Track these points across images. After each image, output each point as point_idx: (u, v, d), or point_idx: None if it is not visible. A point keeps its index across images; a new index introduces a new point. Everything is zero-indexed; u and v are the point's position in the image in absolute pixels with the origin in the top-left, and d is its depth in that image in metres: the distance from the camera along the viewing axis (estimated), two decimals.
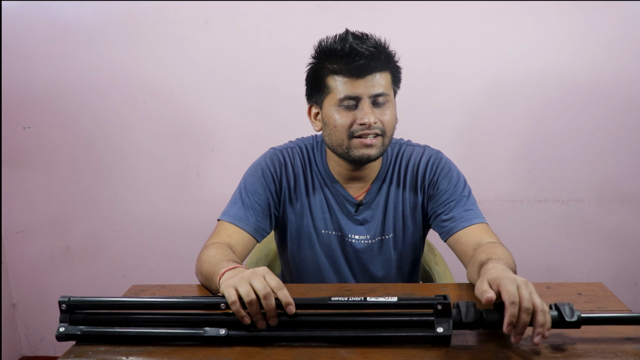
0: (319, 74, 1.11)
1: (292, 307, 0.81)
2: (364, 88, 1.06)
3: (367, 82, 1.06)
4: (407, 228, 1.23)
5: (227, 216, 1.17)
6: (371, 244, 1.23)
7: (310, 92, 1.16)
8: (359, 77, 1.06)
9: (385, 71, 1.09)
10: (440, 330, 0.79)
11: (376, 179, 1.21)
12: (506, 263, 0.94)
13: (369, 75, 1.06)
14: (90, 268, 2.11)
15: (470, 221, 1.13)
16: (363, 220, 1.22)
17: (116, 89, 1.92)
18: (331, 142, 1.13)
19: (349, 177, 1.20)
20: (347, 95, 1.07)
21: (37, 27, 1.88)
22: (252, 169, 1.23)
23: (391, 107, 1.11)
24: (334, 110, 1.09)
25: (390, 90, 1.11)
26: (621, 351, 0.78)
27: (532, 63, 1.78)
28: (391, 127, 1.11)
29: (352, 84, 1.06)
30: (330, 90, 1.09)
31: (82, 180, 2.02)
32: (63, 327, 0.84)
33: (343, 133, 1.09)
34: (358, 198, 1.21)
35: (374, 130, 1.08)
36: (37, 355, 2.24)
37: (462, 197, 1.17)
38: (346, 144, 1.10)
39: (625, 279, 1.95)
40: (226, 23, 1.83)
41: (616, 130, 1.81)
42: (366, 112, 1.06)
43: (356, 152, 1.10)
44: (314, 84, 1.13)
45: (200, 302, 0.85)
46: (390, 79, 1.11)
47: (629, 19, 1.72)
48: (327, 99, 1.11)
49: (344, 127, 1.09)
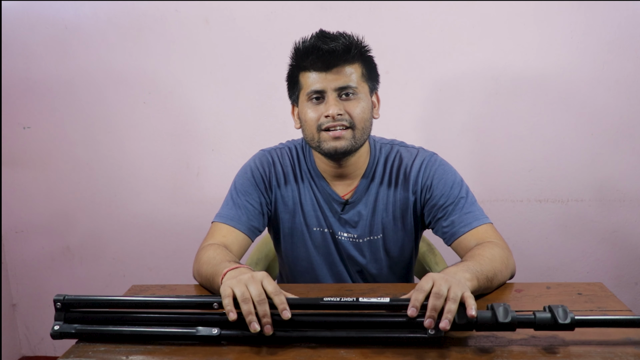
0: (294, 73, 1.16)
1: (288, 313, 0.81)
2: (329, 81, 1.10)
3: (333, 76, 1.09)
4: (398, 230, 1.23)
5: (220, 217, 1.19)
6: (360, 243, 1.23)
7: (290, 92, 1.20)
8: (326, 71, 1.09)
9: (354, 64, 1.11)
10: (432, 331, 0.79)
11: (363, 177, 1.21)
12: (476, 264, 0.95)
13: (335, 68, 1.09)
14: (90, 268, 2.11)
15: (470, 225, 1.13)
16: (350, 219, 1.22)
17: (116, 89, 1.92)
18: (305, 137, 1.16)
19: (333, 174, 1.21)
20: (313, 89, 1.11)
21: (37, 27, 1.88)
22: (242, 171, 1.25)
23: (362, 101, 1.12)
24: (305, 105, 1.13)
25: (362, 84, 1.13)
26: (622, 352, 0.78)
27: (532, 63, 1.78)
28: (362, 119, 1.12)
29: (319, 78, 1.10)
30: (301, 86, 1.14)
31: (82, 180, 2.02)
32: (58, 326, 0.86)
33: (313, 127, 1.12)
34: (345, 197, 1.21)
35: (341, 122, 1.10)
36: (37, 355, 2.24)
37: (459, 199, 1.16)
38: (316, 137, 1.12)
39: (625, 279, 1.95)
40: (226, 23, 1.83)
41: (616, 130, 1.81)
42: (330, 104, 1.09)
43: (326, 145, 1.12)
44: (291, 83, 1.18)
45: (193, 302, 0.85)
46: (361, 73, 1.13)
47: (629, 19, 1.72)
48: (300, 96, 1.15)
49: (313, 120, 1.12)
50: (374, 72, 1.17)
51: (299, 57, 1.13)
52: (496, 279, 0.99)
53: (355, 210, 1.21)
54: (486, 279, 0.95)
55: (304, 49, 1.11)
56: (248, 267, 0.95)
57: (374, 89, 1.19)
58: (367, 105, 1.13)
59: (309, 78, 1.11)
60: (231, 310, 0.81)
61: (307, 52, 1.10)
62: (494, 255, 1.01)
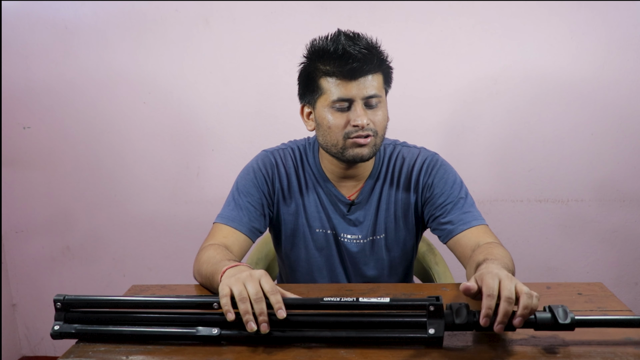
0: (311, 75, 1.11)
1: (283, 312, 0.81)
2: (356, 90, 1.06)
3: (359, 84, 1.06)
4: (400, 229, 1.23)
5: (222, 218, 1.19)
6: (363, 243, 1.23)
7: (303, 92, 1.16)
8: (352, 79, 1.06)
9: (377, 72, 1.09)
10: (432, 331, 0.79)
11: (369, 178, 1.22)
12: (502, 263, 0.94)
13: (361, 77, 1.06)
14: (90, 268, 2.11)
15: (469, 224, 1.14)
16: (355, 219, 1.22)
17: (116, 89, 1.92)
18: (325, 142, 1.13)
19: (341, 175, 1.20)
20: (340, 97, 1.07)
21: (37, 27, 1.88)
22: (244, 172, 1.24)
23: (383, 108, 1.12)
24: (327, 111, 1.10)
25: (382, 91, 1.12)
26: (622, 352, 0.78)
27: (532, 63, 1.78)
28: (383, 127, 1.12)
29: (345, 85, 1.06)
30: (323, 91, 1.09)
31: (82, 180, 2.02)
32: (58, 326, 0.86)
33: (338, 134, 1.10)
34: (351, 198, 1.21)
35: (367, 131, 1.08)
36: (37, 355, 2.24)
37: (459, 199, 1.17)
38: (341, 144, 1.10)
39: (625, 279, 1.95)
40: (226, 23, 1.83)
41: (616, 130, 1.81)
42: (359, 114, 1.07)
43: (350, 152, 1.11)
44: (307, 84, 1.13)
45: (193, 302, 0.85)
46: (382, 80, 1.11)
47: (629, 19, 1.72)
48: (320, 100, 1.11)
49: (338, 128, 1.09)
50: (390, 79, 1.15)
51: (321, 60, 1.08)
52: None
53: (361, 211, 1.22)
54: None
55: (327, 53, 1.06)
56: (247, 266, 0.94)
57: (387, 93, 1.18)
58: (386, 113, 1.13)
59: (333, 84, 1.07)
60: (229, 311, 0.81)
61: (331, 56, 1.06)
62: (504, 255, 1.02)
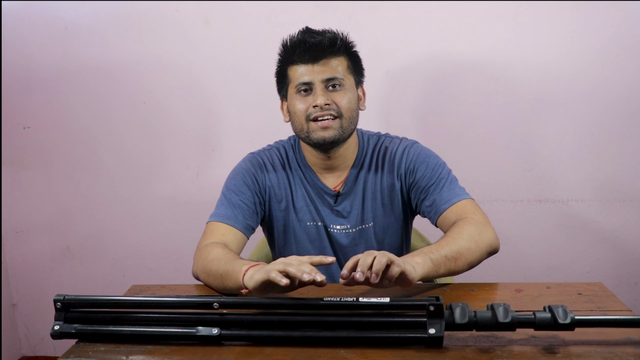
0: (282, 68, 1.20)
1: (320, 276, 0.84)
2: (316, 73, 1.14)
3: (320, 68, 1.14)
4: (387, 215, 1.25)
5: (217, 217, 1.20)
6: (352, 233, 1.25)
7: (279, 87, 1.24)
8: (313, 64, 1.14)
9: (340, 56, 1.16)
10: (432, 331, 0.79)
11: (352, 168, 1.24)
12: (436, 246, 1.00)
13: (322, 60, 1.14)
14: (90, 268, 2.11)
15: (450, 201, 1.17)
16: (343, 210, 1.25)
17: (116, 89, 1.92)
18: (295, 129, 1.20)
19: (323, 167, 1.24)
20: (301, 81, 1.15)
21: (37, 27, 1.88)
22: (233, 173, 1.28)
23: (349, 92, 1.17)
24: (294, 97, 1.18)
25: (348, 76, 1.18)
26: (622, 352, 0.78)
27: (532, 63, 1.78)
28: (348, 109, 1.16)
29: (307, 70, 1.15)
30: (290, 80, 1.18)
31: (82, 180, 2.02)
32: (58, 326, 0.86)
33: (302, 118, 1.16)
34: (336, 189, 1.24)
35: (329, 111, 1.14)
36: (37, 355, 2.24)
37: (440, 179, 1.20)
38: (305, 127, 1.16)
39: (625, 279, 1.95)
40: (226, 23, 1.83)
41: (616, 130, 1.81)
42: (318, 95, 1.13)
43: (315, 135, 1.15)
44: (280, 78, 1.22)
45: (193, 302, 0.85)
46: (346, 65, 1.18)
47: (629, 19, 1.71)
48: (289, 90, 1.19)
49: (302, 111, 1.16)
50: (359, 66, 1.23)
51: (287, 52, 1.18)
52: (462, 258, 1.02)
53: (347, 200, 1.24)
54: (446, 259, 0.99)
55: (292, 43, 1.16)
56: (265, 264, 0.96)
57: (360, 82, 1.24)
58: (353, 96, 1.18)
59: (297, 71, 1.16)
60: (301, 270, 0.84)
61: (294, 46, 1.15)
62: (461, 233, 1.04)
